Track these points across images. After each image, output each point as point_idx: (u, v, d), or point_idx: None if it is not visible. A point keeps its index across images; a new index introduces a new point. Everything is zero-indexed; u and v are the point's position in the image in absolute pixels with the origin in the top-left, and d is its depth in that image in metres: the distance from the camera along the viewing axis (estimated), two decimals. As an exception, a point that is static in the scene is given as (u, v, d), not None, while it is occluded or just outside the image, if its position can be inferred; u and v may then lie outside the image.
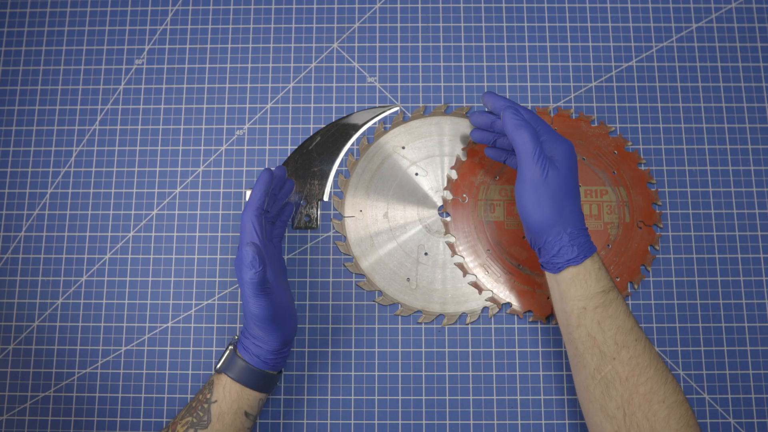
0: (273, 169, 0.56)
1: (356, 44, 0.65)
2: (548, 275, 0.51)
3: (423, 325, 0.60)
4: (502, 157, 0.58)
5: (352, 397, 0.58)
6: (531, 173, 0.48)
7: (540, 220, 0.49)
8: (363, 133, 0.63)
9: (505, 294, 0.59)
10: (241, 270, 0.47)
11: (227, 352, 0.52)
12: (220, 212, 0.62)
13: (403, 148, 0.63)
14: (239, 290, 0.51)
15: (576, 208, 0.49)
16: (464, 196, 0.61)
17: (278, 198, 0.58)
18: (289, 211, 0.60)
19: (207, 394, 0.51)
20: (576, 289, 0.48)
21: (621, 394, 0.47)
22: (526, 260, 0.59)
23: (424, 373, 0.59)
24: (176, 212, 0.62)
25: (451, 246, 0.60)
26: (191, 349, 0.60)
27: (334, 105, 0.64)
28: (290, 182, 0.59)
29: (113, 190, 0.63)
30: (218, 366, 0.52)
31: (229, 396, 0.50)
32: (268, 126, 0.64)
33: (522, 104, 0.63)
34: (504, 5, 0.66)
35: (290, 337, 0.52)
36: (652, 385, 0.46)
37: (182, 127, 0.64)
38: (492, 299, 0.59)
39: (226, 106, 0.64)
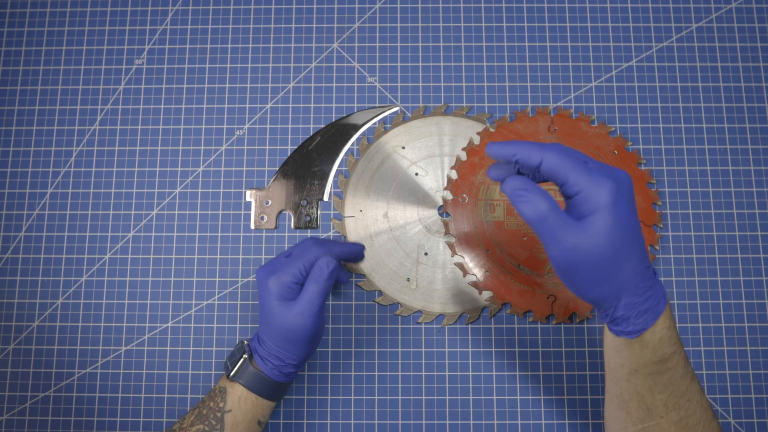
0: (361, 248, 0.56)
1: (356, 44, 0.65)
2: None
3: (423, 325, 0.60)
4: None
5: (352, 397, 0.58)
6: (554, 252, 0.40)
7: (583, 295, 0.41)
8: (363, 133, 0.63)
9: (505, 294, 0.59)
10: (315, 282, 0.49)
11: (241, 361, 0.51)
12: (220, 212, 0.62)
13: (403, 148, 0.63)
14: (264, 305, 0.51)
15: (632, 267, 0.40)
16: (464, 196, 0.61)
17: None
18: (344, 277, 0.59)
19: (219, 403, 0.50)
20: (630, 353, 0.42)
21: None
22: (526, 260, 0.59)
23: (424, 373, 0.59)
24: (176, 212, 0.62)
25: (451, 246, 0.60)
26: (191, 349, 0.60)
27: (334, 105, 0.64)
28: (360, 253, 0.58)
29: (113, 190, 0.63)
30: (232, 375, 0.51)
31: (245, 406, 0.50)
32: (268, 126, 0.64)
33: (522, 104, 0.63)
34: (504, 5, 0.66)
35: (314, 352, 0.53)
36: None
37: (182, 127, 0.64)
38: (492, 299, 0.59)
39: (226, 106, 0.64)
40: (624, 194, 0.40)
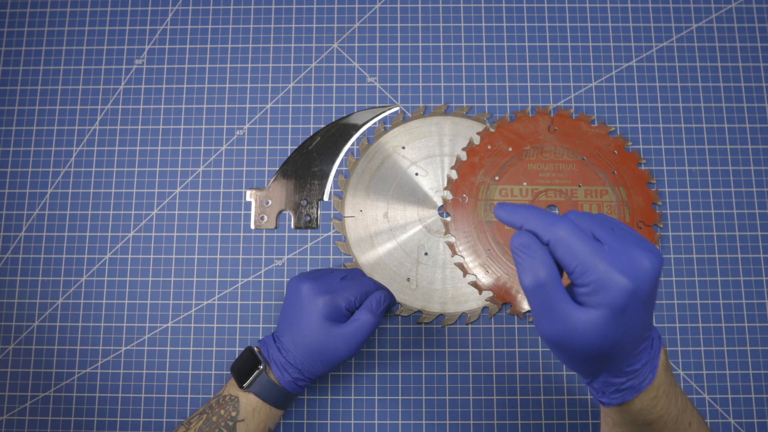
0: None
1: (356, 44, 0.65)
2: None
3: (423, 325, 0.60)
4: None
5: (352, 397, 0.58)
6: (539, 325, 0.36)
7: (572, 369, 0.39)
8: (363, 133, 0.63)
9: (505, 294, 0.59)
10: (371, 313, 0.51)
11: (257, 372, 0.50)
12: (220, 212, 0.62)
13: (403, 148, 0.63)
14: (302, 319, 0.51)
15: (619, 360, 0.36)
16: (464, 196, 0.61)
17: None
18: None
19: (232, 412, 0.50)
20: (609, 410, 0.41)
21: None
22: (526, 260, 0.59)
23: (424, 373, 0.59)
24: (176, 212, 0.62)
25: (451, 246, 0.60)
26: (191, 349, 0.60)
27: (334, 105, 0.64)
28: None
29: (113, 190, 0.63)
30: (246, 386, 0.50)
31: (259, 416, 0.50)
32: (268, 126, 0.64)
33: (522, 104, 0.63)
34: (504, 5, 0.66)
35: None
36: None
37: (182, 127, 0.64)
38: (492, 299, 0.59)
39: (226, 106, 0.64)
40: (639, 296, 0.34)
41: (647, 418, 0.39)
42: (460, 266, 0.60)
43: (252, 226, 0.62)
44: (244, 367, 0.51)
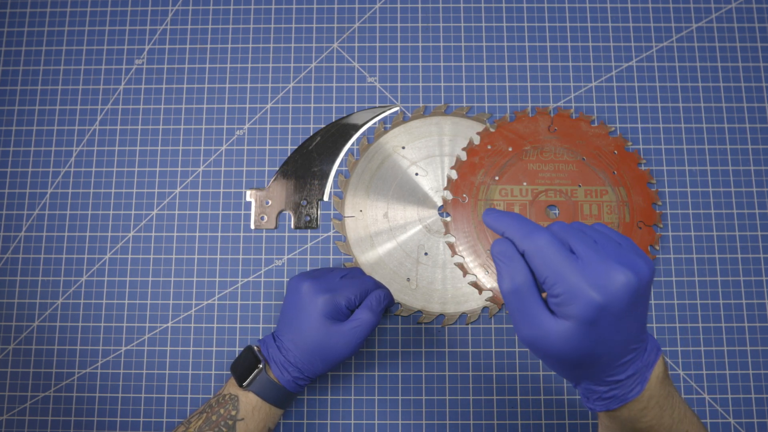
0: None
1: (356, 44, 0.65)
2: None
3: (423, 325, 0.60)
4: None
5: (352, 397, 0.58)
6: (516, 327, 0.37)
7: (553, 371, 0.40)
8: (363, 133, 0.63)
9: (505, 294, 0.59)
10: (371, 311, 0.51)
11: (256, 371, 0.50)
12: (220, 212, 0.62)
13: (403, 148, 0.63)
14: (302, 317, 0.51)
15: (597, 370, 0.37)
16: (464, 196, 0.61)
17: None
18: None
19: (231, 411, 0.50)
20: (601, 416, 0.41)
21: None
22: (526, 260, 0.59)
23: (424, 373, 0.59)
24: (176, 212, 0.62)
25: (451, 246, 0.60)
26: (191, 349, 0.60)
27: (334, 105, 0.64)
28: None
29: (113, 190, 0.63)
30: (245, 384, 0.50)
31: (258, 415, 0.50)
32: (268, 126, 0.64)
33: (522, 104, 0.63)
34: (504, 5, 0.66)
35: None
36: None
37: (182, 127, 0.64)
38: (492, 299, 0.59)
39: (226, 106, 0.64)
40: (610, 311, 0.34)
41: (636, 427, 0.39)
42: (460, 266, 0.60)
43: (252, 226, 0.62)
44: (244, 366, 0.51)
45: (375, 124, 0.63)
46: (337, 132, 0.63)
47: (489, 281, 0.59)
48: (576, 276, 0.34)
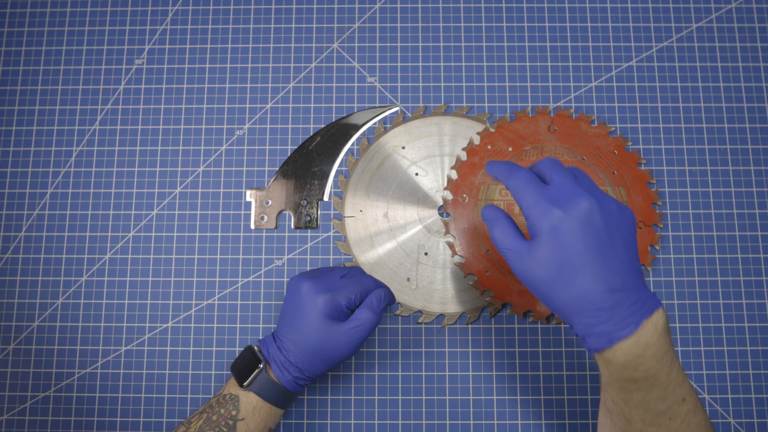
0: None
1: (356, 44, 0.65)
2: None
3: (423, 325, 0.60)
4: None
5: (352, 397, 0.58)
6: (513, 271, 0.43)
7: (544, 301, 0.43)
8: (363, 133, 0.63)
9: (505, 294, 0.59)
10: (371, 311, 0.51)
11: (257, 371, 0.50)
12: (220, 212, 0.62)
13: (403, 148, 0.63)
14: (302, 317, 0.51)
15: (577, 291, 0.40)
16: (464, 196, 0.61)
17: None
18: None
19: (232, 411, 0.50)
20: (600, 365, 0.43)
21: None
22: (526, 260, 0.59)
23: (424, 373, 0.59)
24: (176, 212, 0.62)
25: (451, 246, 0.60)
26: (191, 349, 0.60)
27: (334, 105, 0.64)
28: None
29: (113, 190, 0.63)
30: (246, 384, 0.50)
31: (258, 415, 0.50)
32: (268, 126, 0.64)
33: (522, 104, 0.63)
34: (504, 5, 0.66)
35: None
36: None
37: (182, 127, 0.64)
38: (492, 299, 0.59)
39: (226, 106, 0.64)
40: (572, 227, 0.39)
41: (632, 375, 0.40)
42: (460, 266, 0.60)
43: (252, 226, 0.62)
44: (244, 366, 0.51)
45: (375, 124, 0.63)
46: (337, 132, 0.63)
47: (489, 281, 0.59)
48: (542, 198, 0.41)
